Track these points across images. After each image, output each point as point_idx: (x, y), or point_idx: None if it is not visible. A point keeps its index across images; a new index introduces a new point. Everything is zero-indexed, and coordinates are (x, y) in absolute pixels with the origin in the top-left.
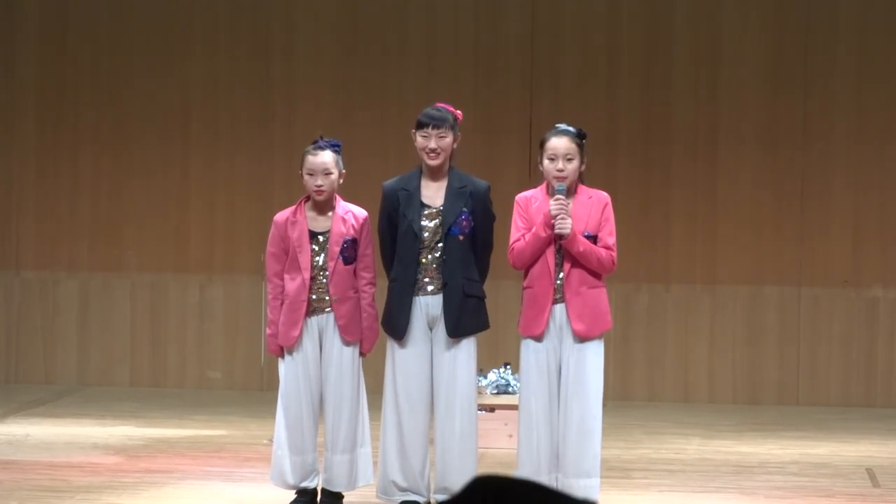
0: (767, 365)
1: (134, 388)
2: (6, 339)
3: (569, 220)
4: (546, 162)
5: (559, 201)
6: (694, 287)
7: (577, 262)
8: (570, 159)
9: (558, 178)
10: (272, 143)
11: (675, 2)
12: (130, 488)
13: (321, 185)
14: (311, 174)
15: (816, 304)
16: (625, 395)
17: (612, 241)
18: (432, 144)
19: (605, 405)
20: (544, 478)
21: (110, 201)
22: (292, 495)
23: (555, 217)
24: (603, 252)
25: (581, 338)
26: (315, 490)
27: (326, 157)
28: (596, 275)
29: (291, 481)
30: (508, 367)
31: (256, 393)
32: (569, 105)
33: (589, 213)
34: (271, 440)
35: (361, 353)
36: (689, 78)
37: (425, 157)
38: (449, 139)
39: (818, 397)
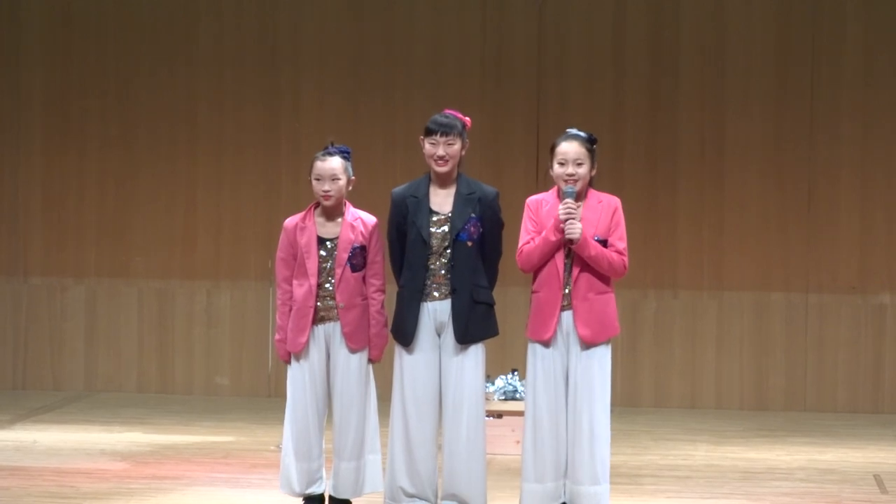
0: (775, 371)
1: (141, 395)
2: (14, 345)
3: (578, 225)
4: (556, 166)
5: (568, 205)
6: (701, 293)
7: (585, 268)
8: (579, 164)
9: (568, 183)
10: (279, 150)
11: (681, 7)
12: (138, 494)
13: (328, 191)
14: (318, 179)
15: (824, 310)
16: (632, 401)
17: (622, 245)
18: (440, 151)
19: (612, 411)
20: (550, 484)
21: (117, 208)
22: (300, 502)
23: (564, 221)
24: (614, 256)
25: (587, 343)
26: (321, 496)
27: (334, 163)
28: (604, 280)
29: (297, 489)
30: (516, 373)
31: (264, 399)
32: (575, 111)
33: (599, 217)
34: (278, 446)
35: (371, 360)
36: (695, 84)
37: (433, 165)
38: (457, 146)
39: (825, 403)
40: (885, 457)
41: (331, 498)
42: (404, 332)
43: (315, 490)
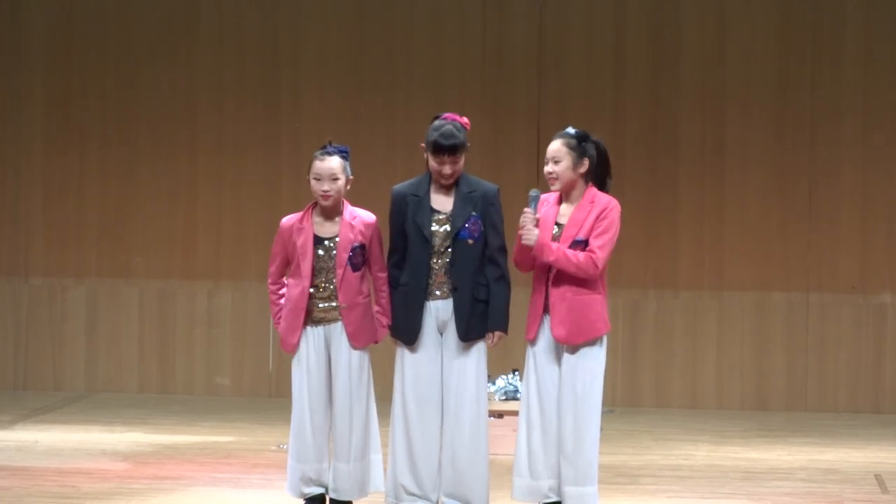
0: (775, 371)
1: (142, 395)
2: (15, 345)
3: (534, 231)
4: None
5: (525, 213)
6: (702, 293)
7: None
8: (557, 161)
9: (550, 181)
10: (279, 150)
11: (681, 7)
12: (139, 494)
13: (328, 191)
14: (317, 179)
15: (824, 310)
16: (633, 402)
17: (598, 243)
18: (447, 170)
19: (612, 411)
20: (543, 483)
21: (118, 208)
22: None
23: (520, 227)
24: (580, 257)
25: (564, 344)
26: (322, 497)
27: (333, 163)
28: (586, 282)
29: (297, 491)
30: (517, 373)
31: (264, 399)
32: (576, 110)
33: (586, 217)
34: (279, 447)
35: (374, 342)
36: (696, 85)
37: (439, 179)
38: (461, 162)
39: (826, 403)
40: (886, 457)
41: (332, 500)
42: (408, 331)
43: (315, 491)
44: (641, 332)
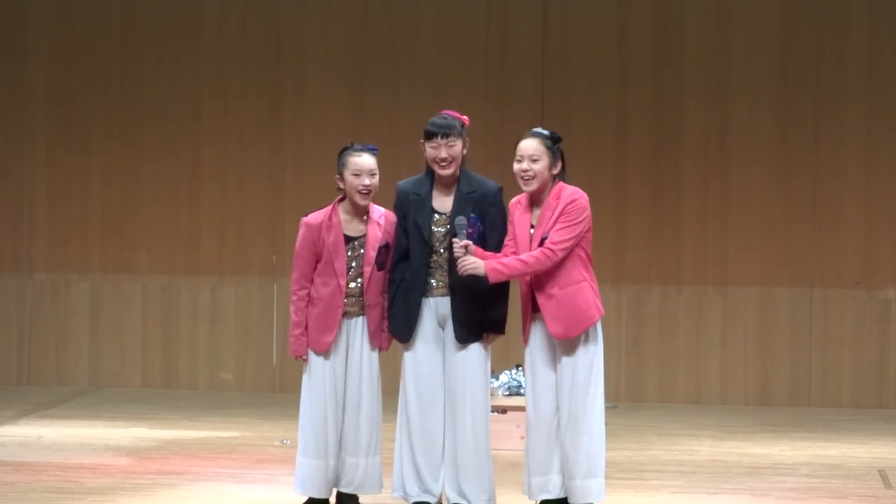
0: (779, 366)
1: (146, 390)
2: (18, 341)
3: (477, 263)
4: (515, 163)
5: (455, 245)
6: (705, 289)
7: None
8: (535, 160)
9: (524, 180)
10: (283, 146)
11: (685, 5)
12: (142, 490)
13: (368, 185)
14: (357, 175)
15: (828, 305)
16: (637, 397)
17: (557, 227)
18: (442, 154)
19: (616, 406)
20: (555, 477)
21: (121, 204)
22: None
23: (460, 265)
24: (535, 254)
25: (561, 339)
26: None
27: (371, 159)
28: (569, 272)
29: (322, 489)
30: (520, 368)
31: (268, 395)
32: (579, 107)
33: (552, 213)
34: (283, 442)
35: (382, 349)
36: (700, 81)
37: (437, 168)
38: (458, 147)
39: (830, 399)
40: (890, 452)
41: (344, 495)
42: (406, 328)
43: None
44: (645, 327)
